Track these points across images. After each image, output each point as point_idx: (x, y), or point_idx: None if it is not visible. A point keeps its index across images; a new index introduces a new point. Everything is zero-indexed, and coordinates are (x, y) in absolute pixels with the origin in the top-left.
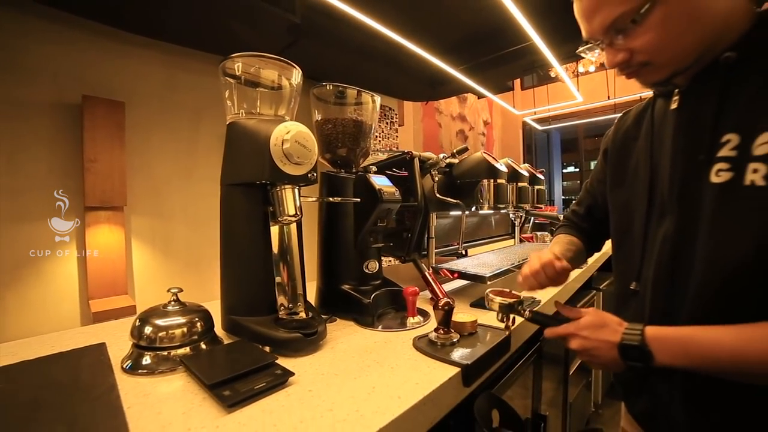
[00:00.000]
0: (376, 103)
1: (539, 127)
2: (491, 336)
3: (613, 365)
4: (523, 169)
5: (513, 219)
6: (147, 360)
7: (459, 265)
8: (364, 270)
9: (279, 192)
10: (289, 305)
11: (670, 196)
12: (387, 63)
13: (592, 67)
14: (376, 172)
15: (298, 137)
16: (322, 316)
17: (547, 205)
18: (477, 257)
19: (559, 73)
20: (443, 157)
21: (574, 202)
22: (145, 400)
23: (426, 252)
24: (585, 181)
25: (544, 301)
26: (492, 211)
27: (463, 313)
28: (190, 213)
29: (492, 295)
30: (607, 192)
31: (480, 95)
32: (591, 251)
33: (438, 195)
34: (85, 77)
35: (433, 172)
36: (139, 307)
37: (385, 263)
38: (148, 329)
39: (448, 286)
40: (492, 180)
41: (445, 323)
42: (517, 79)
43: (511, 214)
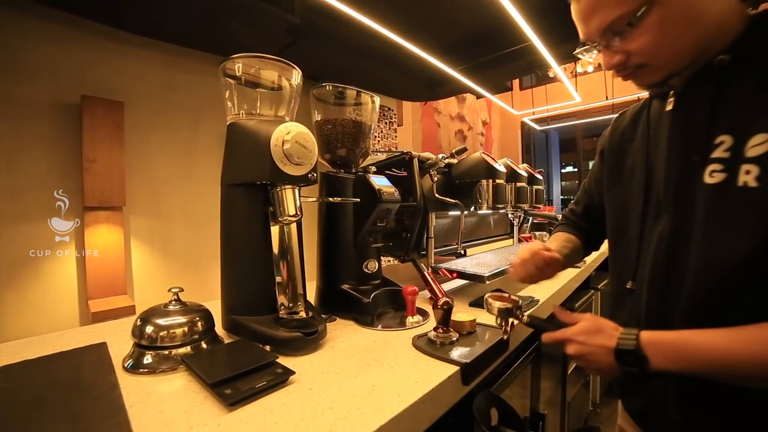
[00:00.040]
0: (375, 104)
1: (538, 127)
2: (490, 335)
3: (609, 370)
4: (522, 170)
5: (511, 219)
6: (148, 359)
7: (458, 264)
8: (364, 270)
9: (279, 192)
10: (290, 305)
11: (666, 197)
12: (386, 63)
13: (591, 68)
14: (375, 173)
15: (299, 138)
16: (322, 316)
17: (546, 205)
18: (476, 257)
19: (558, 73)
20: (442, 157)
21: (572, 202)
22: (147, 398)
23: (425, 252)
24: (583, 180)
25: (542, 300)
26: (491, 211)
27: (462, 312)
28: (189, 213)
29: (491, 300)
30: (603, 192)
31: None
32: (589, 249)
33: (437, 195)
34: (84, 77)
35: (432, 173)
36: (138, 307)
37: (384, 263)
38: (149, 329)
39: (447, 286)
40: (491, 180)
41: (444, 322)
42: (515, 80)
43: (509, 214)
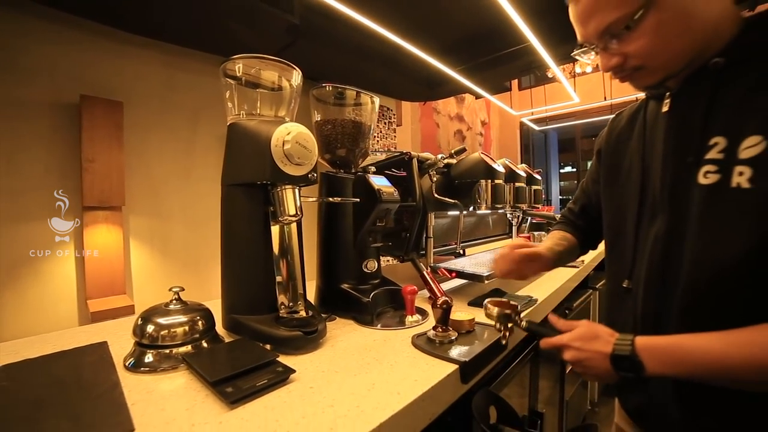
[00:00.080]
0: (375, 104)
1: (536, 128)
2: (488, 334)
3: (606, 376)
4: (520, 170)
5: (510, 219)
6: (149, 358)
7: (457, 264)
8: (363, 269)
9: (280, 192)
10: (290, 304)
11: (662, 197)
12: (385, 63)
13: (589, 68)
14: (374, 173)
15: (299, 138)
16: (322, 315)
17: (544, 205)
18: (475, 257)
19: (556, 74)
20: (441, 157)
21: (570, 201)
22: (149, 396)
23: (424, 251)
24: (582, 180)
25: (541, 299)
26: (489, 211)
27: (461, 311)
28: (188, 213)
29: (490, 305)
30: (600, 191)
31: (478, 96)
32: (586, 248)
33: (436, 195)
34: (83, 77)
35: (431, 173)
36: (138, 306)
37: (383, 263)
38: (150, 328)
39: (446, 285)
40: (489, 180)
41: (444, 321)
42: (514, 80)
43: (508, 214)
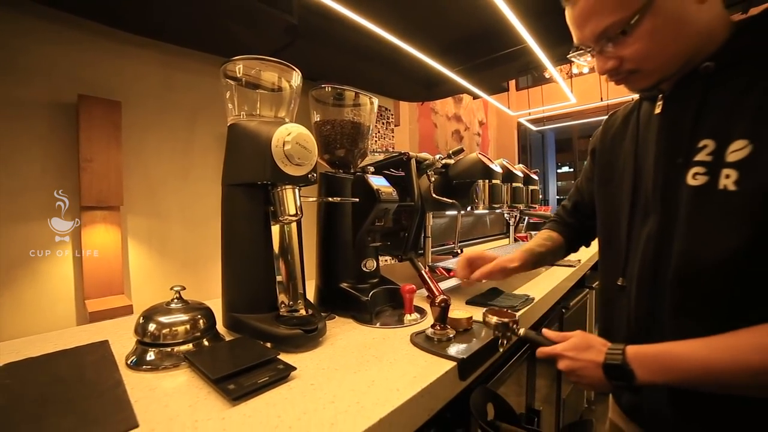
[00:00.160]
0: (373, 105)
1: (534, 128)
2: (486, 332)
3: (599, 385)
4: (518, 170)
5: (507, 219)
6: (151, 356)
7: (455, 263)
8: (362, 268)
9: (280, 192)
10: (290, 303)
11: (653, 197)
12: (383, 64)
13: (586, 69)
14: (373, 173)
15: (299, 139)
16: (322, 314)
17: (541, 205)
18: None
19: (553, 74)
20: (439, 157)
21: (566, 199)
22: (152, 394)
23: (423, 251)
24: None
25: (537, 298)
26: (487, 211)
27: (459, 309)
28: (187, 213)
29: (488, 315)
30: (594, 190)
31: (475, 96)
32: (577, 245)
33: (434, 195)
34: (82, 77)
35: (429, 173)
36: (136, 306)
37: (382, 262)
38: (152, 326)
39: (444, 284)
40: (487, 180)
41: (442, 320)
42: (512, 81)
43: (505, 214)
